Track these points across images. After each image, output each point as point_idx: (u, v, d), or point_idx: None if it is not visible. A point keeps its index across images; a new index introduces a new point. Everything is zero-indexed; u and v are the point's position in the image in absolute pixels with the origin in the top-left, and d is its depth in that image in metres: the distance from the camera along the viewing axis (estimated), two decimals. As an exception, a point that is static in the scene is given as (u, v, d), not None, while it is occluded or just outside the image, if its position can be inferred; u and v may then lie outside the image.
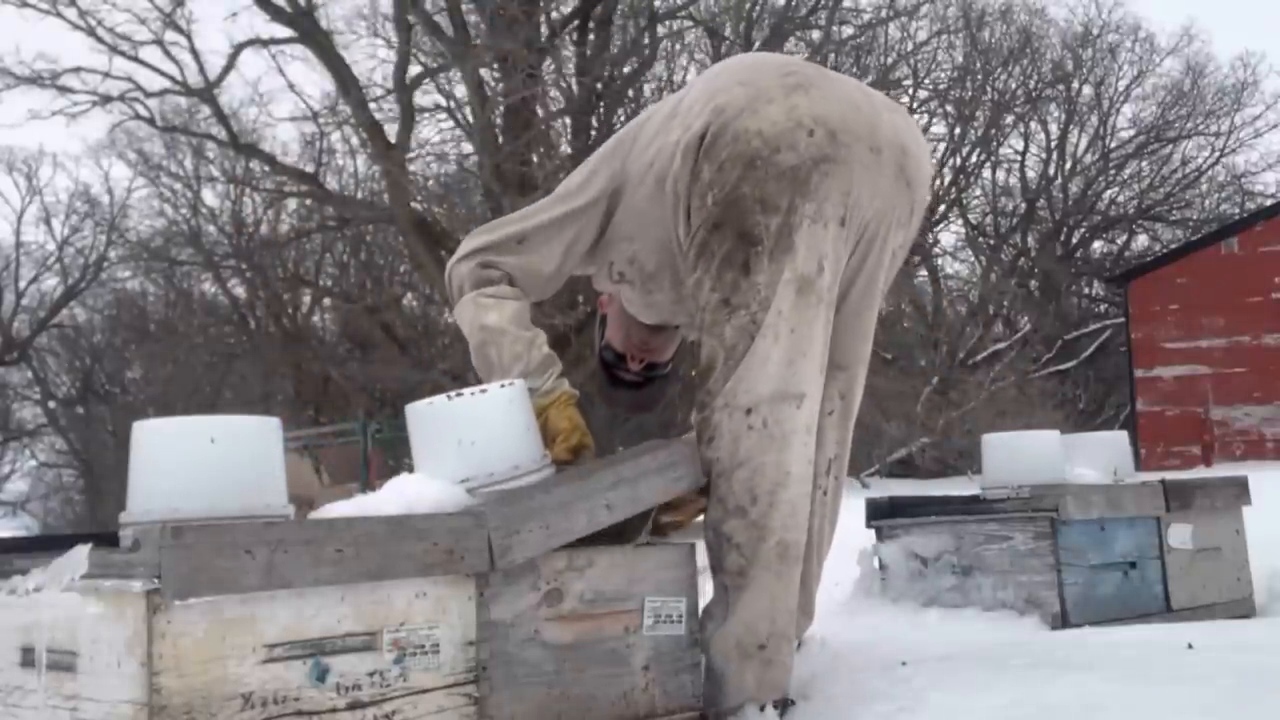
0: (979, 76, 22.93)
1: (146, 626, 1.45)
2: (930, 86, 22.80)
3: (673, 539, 2.17)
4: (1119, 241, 24.86)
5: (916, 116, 22.66)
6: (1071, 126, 24.31)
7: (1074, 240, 24.69)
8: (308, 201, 20.85)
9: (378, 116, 16.87)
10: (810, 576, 2.43)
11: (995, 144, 23.90)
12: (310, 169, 20.05)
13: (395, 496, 1.86)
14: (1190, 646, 2.33)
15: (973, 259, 24.99)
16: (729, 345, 2.13)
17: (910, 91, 22.37)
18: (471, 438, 1.97)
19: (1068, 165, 24.37)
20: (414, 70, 16.95)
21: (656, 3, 17.55)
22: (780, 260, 2.12)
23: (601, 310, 2.74)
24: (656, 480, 1.98)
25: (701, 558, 2.13)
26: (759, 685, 2.10)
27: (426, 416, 2.02)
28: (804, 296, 2.14)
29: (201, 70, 17.76)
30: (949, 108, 22.92)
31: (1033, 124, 24.32)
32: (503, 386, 2.05)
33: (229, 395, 22.75)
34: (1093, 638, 2.61)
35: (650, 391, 2.71)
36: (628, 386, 2.68)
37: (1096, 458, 3.29)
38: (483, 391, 2.03)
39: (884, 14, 20.11)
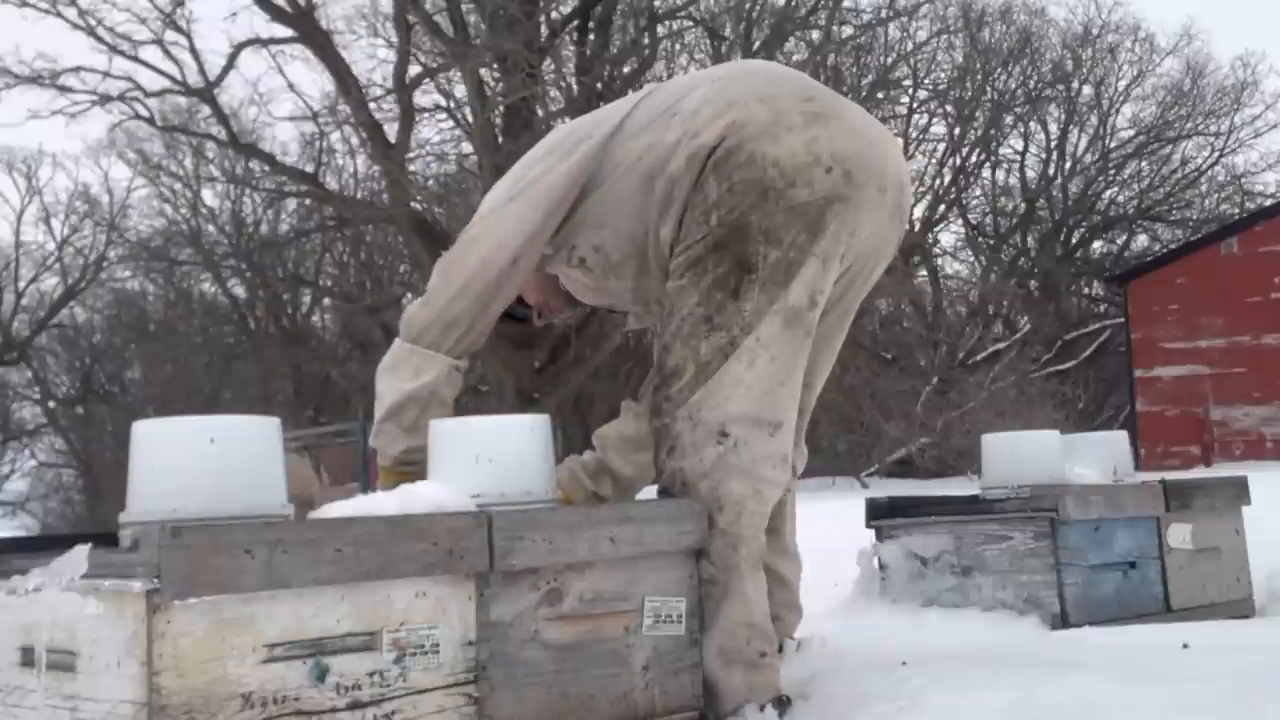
0: (979, 76, 22.93)
1: (146, 626, 1.45)
2: (930, 86, 22.83)
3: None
4: (1119, 241, 24.87)
5: (916, 117, 22.72)
6: (1071, 126, 24.33)
7: (1074, 240, 24.70)
8: (308, 201, 20.88)
9: (378, 116, 16.90)
10: (793, 574, 2.48)
11: (995, 144, 23.92)
12: (310, 169, 20.08)
13: (398, 496, 1.87)
14: (1186, 646, 2.33)
15: (973, 259, 25.02)
16: (702, 360, 2.12)
17: (910, 91, 22.41)
18: (489, 455, 1.99)
19: (1067, 165, 24.39)
20: (414, 70, 16.97)
21: (656, 3, 17.57)
22: (772, 291, 2.13)
23: None
24: (664, 529, 1.98)
25: None
26: (750, 687, 2.10)
27: (449, 432, 2.06)
28: (791, 328, 2.15)
29: (201, 70, 17.78)
30: (949, 108, 22.93)
31: (1032, 124, 24.36)
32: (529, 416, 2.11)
33: (229, 395, 22.77)
34: (1093, 638, 2.61)
35: (532, 331, 2.72)
36: (514, 320, 2.57)
37: (1096, 458, 3.29)
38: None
39: (884, 14, 20.14)
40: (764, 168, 2.12)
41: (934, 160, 23.24)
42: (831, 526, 4.43)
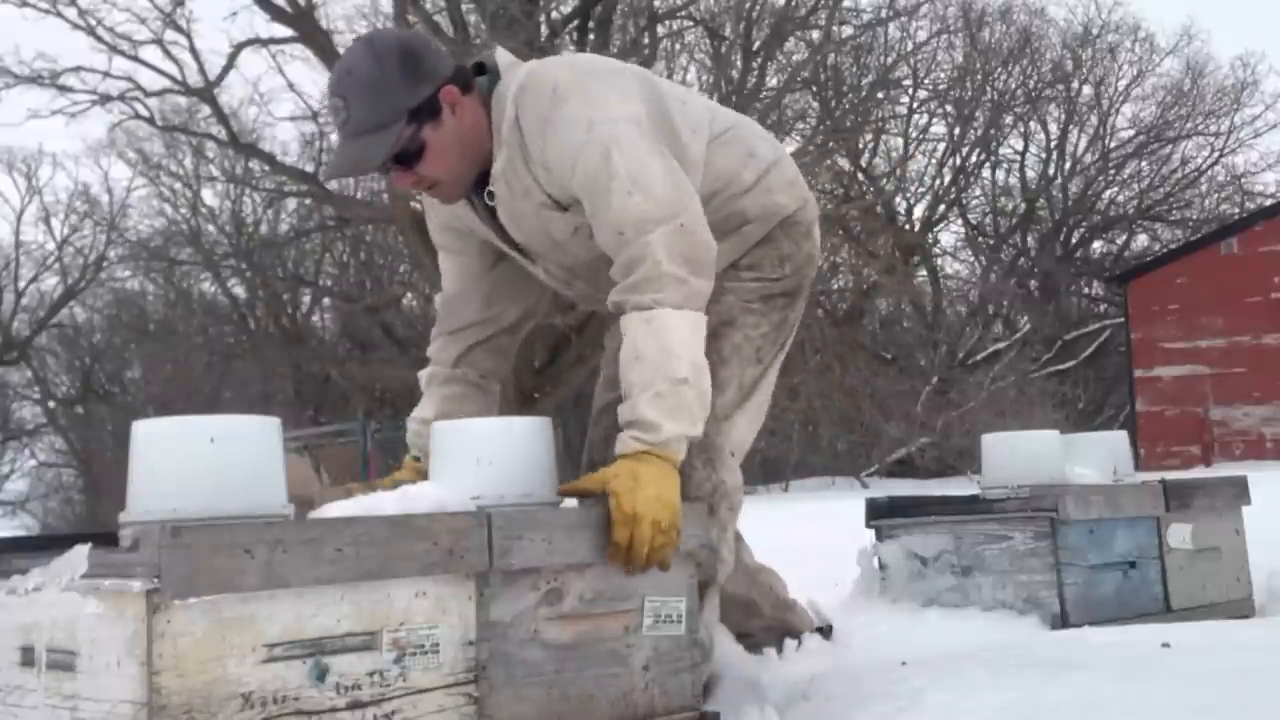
0: (979, 76, 22.94)
1: (146, 626, 1.45)
2: (930, 86, 22.82)
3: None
4: (1119, 241, 24.87)
5: (916, 117, 22.72)
6: (1071, 126, 24.33)
7: (1074, 240, 24.70)
8: (308, 201, 20.86)
9: (378, 116, 16.83)
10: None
11: (995, 144, 23.92)
12: (310, 169, 20.03)
13: (398, 496, 1.87)
14: (1166, 645, 2.33)
15: (973, 259, 25.02)
16: (744, 385, 2.32)
17: (910, 91, 22.40)
18: (490, 458, 1.99)
19: (1067, 165, 24.39)
20: (414, 70, 16.90)
21: (656, 3, 17.57)
22: (781, 345, 2.43)
23: (455, 111, 2.18)
24: None
25: None
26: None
27: (451, 433, 2.06)
28: (770, 377, 2.44)
29: (201, 70, 17.78)
30: (949, 108, 22.93)
31: (1032, 124, 24.35)
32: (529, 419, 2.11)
33: (229, 395, 22.77)
34: (1093, 638, 2.61)
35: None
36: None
37: (1096, 458, 3.29)
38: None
39: (884, 14, 20.13)
40: (815, 246, 2.45)
41: (934, 160, 23.26)
42: (831, 526, 4.43)
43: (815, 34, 18.79)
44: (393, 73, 2.11)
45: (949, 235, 24.89)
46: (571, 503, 2.04)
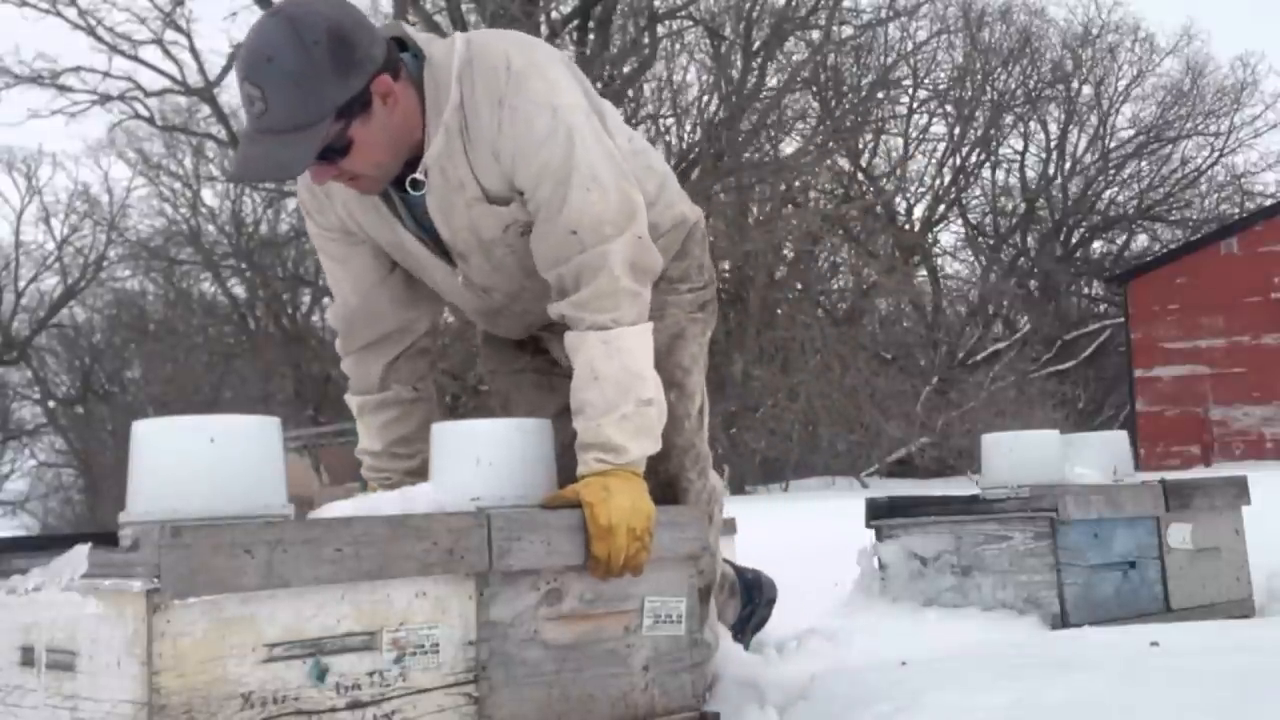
0: (979, 76, 22.94)
1: (146, 626, 1.46)
2: (930, 86, 22.82)
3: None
4: (1119, 241, 24.87)
5: (916, 117, 22.74)
6: (1071, 126, 24.33)
7: (1074, 240, 24.70)
8: (307, 201, 20.83)
9: (378, 116, 16.84)
10: None
11: (995, 144, 23.92)
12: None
13: (398, 496, 1.87)
14: (1155, 644, 2.33)
15: (972, 259, 25.02)
16: (703, 391, 2.33)
17: (910, 91, 22.41)
18: (490, 459, 1.99)
19: (1067, 165, 24.39)
20: (414, 70, 16.91)
21: (656, 3, 17.58)
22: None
23: (386, 101, 1.98)
24: (663, 534, 1.97)
25: None
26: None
27: (450, 434, 2.06)
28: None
29: (201, 69, 17.83)
30: (949, 108, 22.93)
31: (1032, 124, 24.35)
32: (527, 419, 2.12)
33: (229, 395, 22.78)
34: (1093, 637, 2.61)
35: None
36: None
37: (1096, 458, 3.29)
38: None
39: (884, 14, 20.15)
40: (709, 253, 2.44)
41: (934, 160, 23.26)
42: (831, 526, 4.43)
43: (815, 34, 18.81)
44: (321, 63, 1.86)
45: (949, 235, 24.91)
46: None
